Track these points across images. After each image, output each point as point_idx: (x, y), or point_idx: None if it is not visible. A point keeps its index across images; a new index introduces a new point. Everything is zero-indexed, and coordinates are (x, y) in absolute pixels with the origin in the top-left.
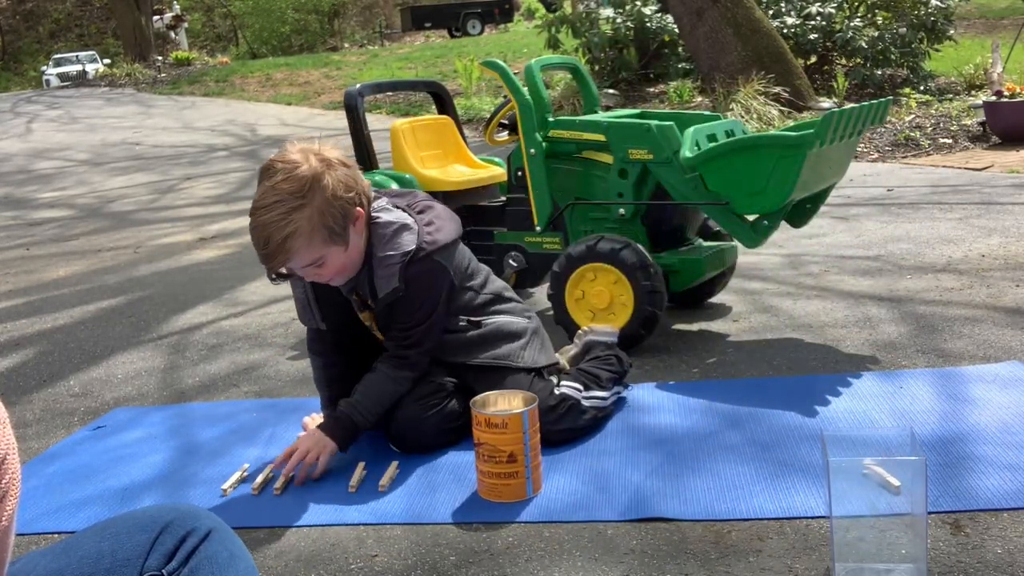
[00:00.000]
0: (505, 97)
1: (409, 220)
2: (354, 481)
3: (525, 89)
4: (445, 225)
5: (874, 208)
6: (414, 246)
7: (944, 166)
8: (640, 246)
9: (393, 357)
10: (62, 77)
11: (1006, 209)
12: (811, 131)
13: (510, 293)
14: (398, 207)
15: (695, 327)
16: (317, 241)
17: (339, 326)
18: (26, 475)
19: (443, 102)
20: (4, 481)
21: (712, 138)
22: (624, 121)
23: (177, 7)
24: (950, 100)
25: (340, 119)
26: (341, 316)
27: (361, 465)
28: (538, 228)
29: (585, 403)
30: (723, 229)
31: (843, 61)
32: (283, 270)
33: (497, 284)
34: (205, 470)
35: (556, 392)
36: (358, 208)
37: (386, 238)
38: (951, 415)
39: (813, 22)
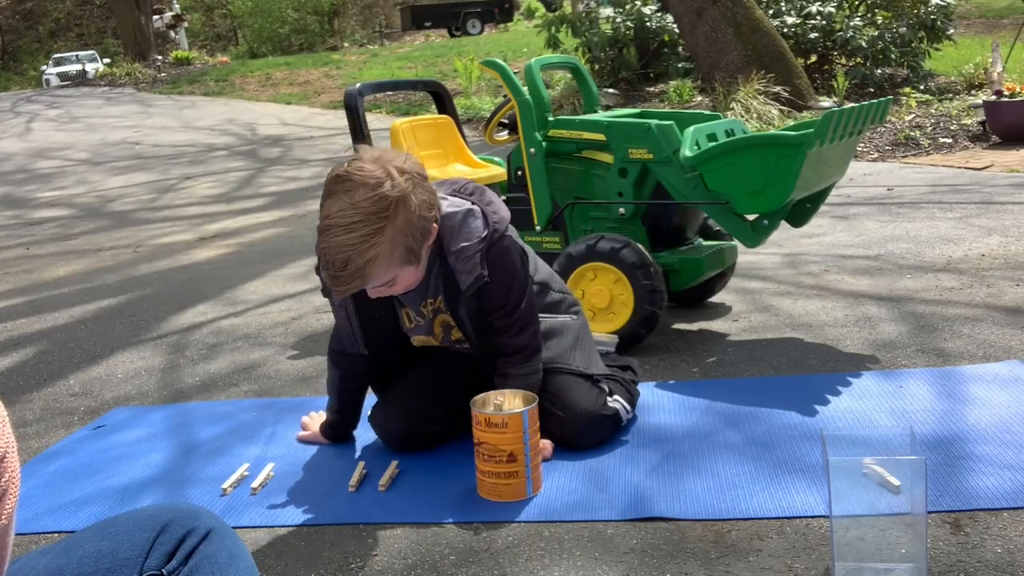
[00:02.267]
0: (505, 96)
1: (468, 204)
2: (354, 481)
3: (525, 88)
4: (498, 201)
5: (874, 207)
6: (486, 230)
7: (944, 165)
8: (640, 245)
9: (514, 354)
10: (62, 76)
11: (1006, 208)
12: (811, 130)
13: (558, 282)
14: (450, 195)
15: (695, 326)
16: (395, 262)
17: (382, 351)
18: (26, 474)
19: (443, 101)
20: (3, 479)
21: (712, 137)
22: (624, 120)
23: (177, 7)
24: (950, 100)
25: (340, 118)
26: (386, 340)
27: (361, 465)
28: (538, 227)
29: (624, 421)
30: (723, 228)
31: (843, 60)
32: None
33: (544, 272)
34: (205, 469)
35: (609, 405)
36: (434, 225)
37: (455, 230)
38: (951, 414)
39: (813, 21)
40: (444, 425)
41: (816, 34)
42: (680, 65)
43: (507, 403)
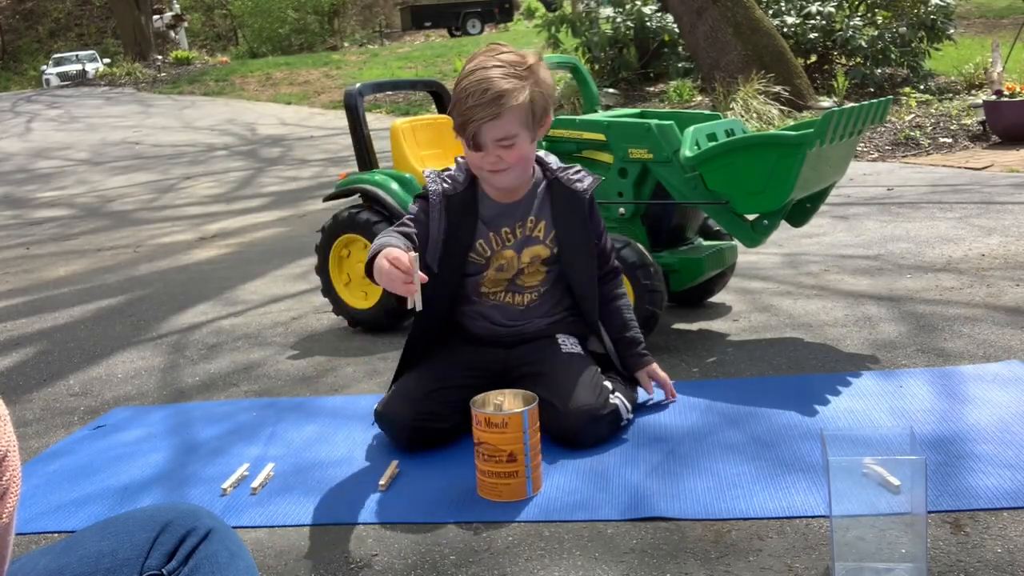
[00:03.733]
0: None
1: None
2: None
3: None
4: None
5: (874, 207)
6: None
7: (944, 165)
8: (640, 245)
9: (610, 273)
10: (62, 76)
11: (1006, 208)
12: (811, 130)
13: None
14: None
15: (695, 326)
16: (521, 116)
17: (446, 276)
18: (26, 474)
19: (443, 101)
20: (4, 479)
21: (712, 137)
22: (624, 120)
23: (177, 7)
24: (950, 99)
25: (340, 118)
26: (451, 270)
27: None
28: None
29: (624, 420)
30: (723, 228)
31: (843, 60)
32: (479, 138)
33: None
34: (205, 469)
35: (610, 401)
36: (549, 115)
37: (557, 163)
38: (951, 414)
39: (813, 21)
40: (452, 423)
41: (816, 34)
42: (680, 65)
43: (507, 403)
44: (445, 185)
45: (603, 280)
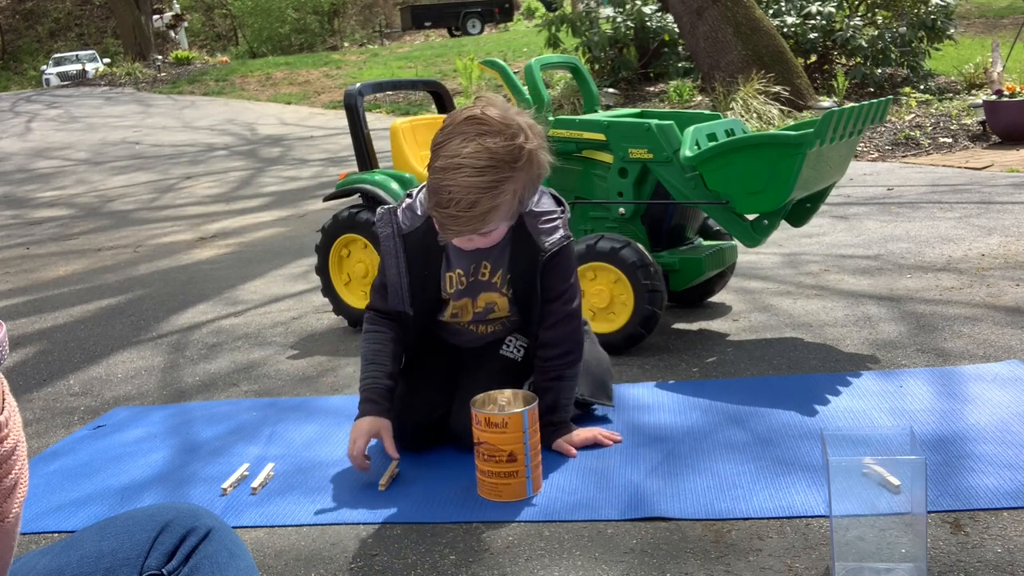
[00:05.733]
0: (505, 96)
1: None
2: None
3: (525, 88)
4: None
5: (874, 207)
6: (560, 207)
7: (944, 165)
8: (640, 245)
9: (565, 355)
10: (62, 76)
11: (1006, 208)
12: (811, 130)
13: None
14: None
15: (695, 326)
16: (509, 215)
17: (421, 311)
18: None
19: (443, 101)
20: (13, 473)
21: (712, 137)
22: (624, 120)
23: (177, 7)
24: (950, 99)
25: (340, 118)
26: (426, 301)
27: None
28: None
29: None
30: (723, 228)
31: (843, 60)
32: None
33: None
34: (205, 469)
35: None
36: (536, 189)
37: (534, 201)
38: (951, 414)
39: (813, 21)
40: (444, 396)
41: (816, 34)
42: (680, 65)
43: (508, 403)
44: (399, 224)
45: (547, 347)
